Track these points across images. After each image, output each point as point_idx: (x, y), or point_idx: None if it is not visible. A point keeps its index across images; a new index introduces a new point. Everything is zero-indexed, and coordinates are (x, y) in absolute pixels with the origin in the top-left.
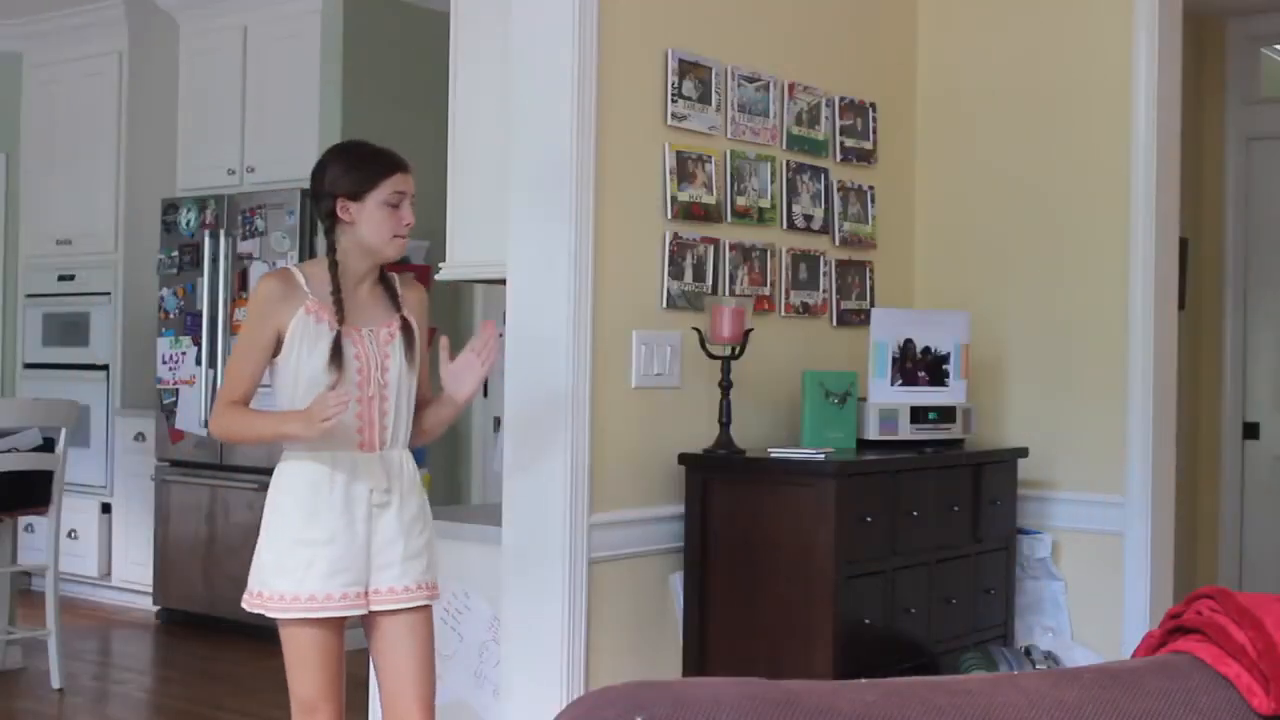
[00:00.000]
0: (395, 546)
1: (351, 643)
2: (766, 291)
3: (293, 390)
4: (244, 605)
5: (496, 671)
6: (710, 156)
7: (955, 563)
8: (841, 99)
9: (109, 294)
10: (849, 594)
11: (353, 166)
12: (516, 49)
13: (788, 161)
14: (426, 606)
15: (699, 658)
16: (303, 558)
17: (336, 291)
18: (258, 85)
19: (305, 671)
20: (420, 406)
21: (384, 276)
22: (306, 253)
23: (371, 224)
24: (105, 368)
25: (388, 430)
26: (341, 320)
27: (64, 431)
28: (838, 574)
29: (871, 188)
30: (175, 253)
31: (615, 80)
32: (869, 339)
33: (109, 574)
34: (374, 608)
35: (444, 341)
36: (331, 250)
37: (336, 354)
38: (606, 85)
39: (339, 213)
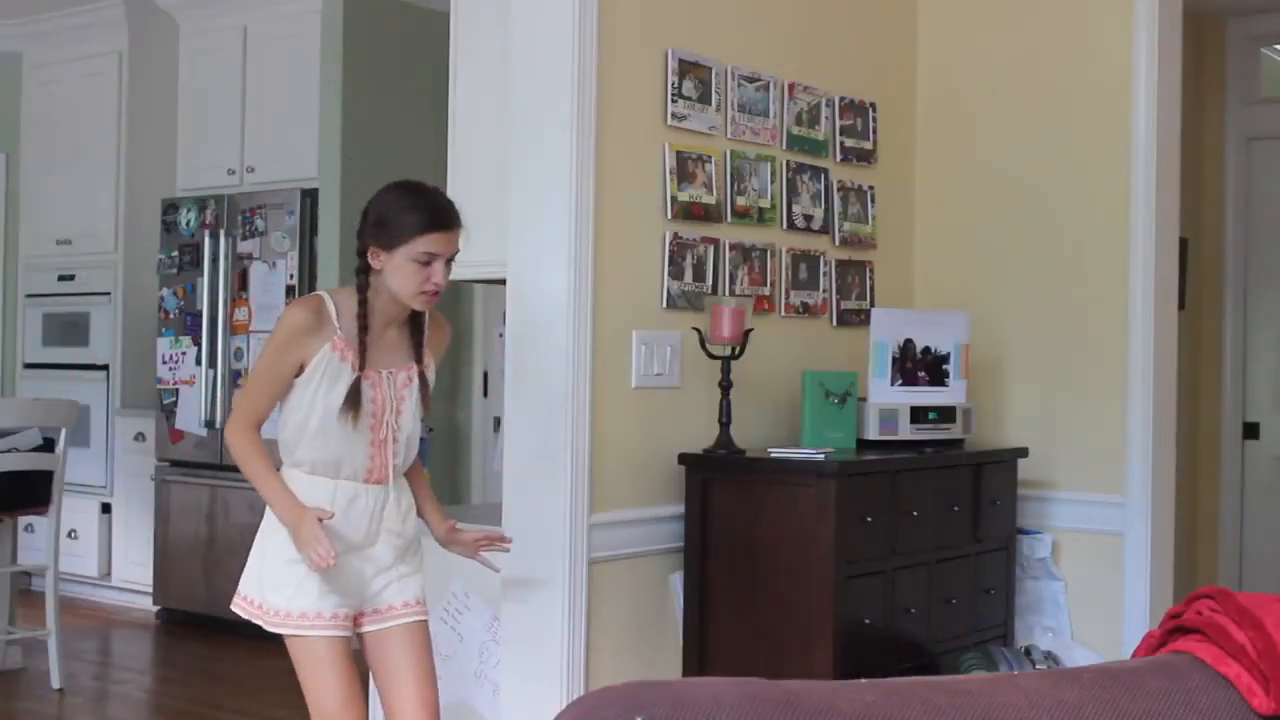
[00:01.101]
0: (392, 570)
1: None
2: (766, 291)
3: (305, 418)
4: (234, 608)
5: (496, 671)
6: (710, 156)
7: (955, 563)
8: (841, 99)
9: (109, 294)
10: (849, 594)
11: (392, 216)
12: (516, 49)
13: (788, 161)
14: (423, 621)
15: (699, 658)
16: (295, 575)
17: (363, 332)
18: (258, 85)
19: (325, 683)
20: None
21: (415, 318)
22: (306, 252)
23: (397, 277)
24: (105, 368)
25: (396, 467)
26: (363, 365)
27: (64, 431)
28: (838, 574)
29: (871, 188)
30: (175, 253)
31: (615, 80)
32: (869, 339)
33: (109, 574)
34: (369, 628)
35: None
36: (362, 290)
37: (354, 398)
38: (606, 85)
39: (370, 258)
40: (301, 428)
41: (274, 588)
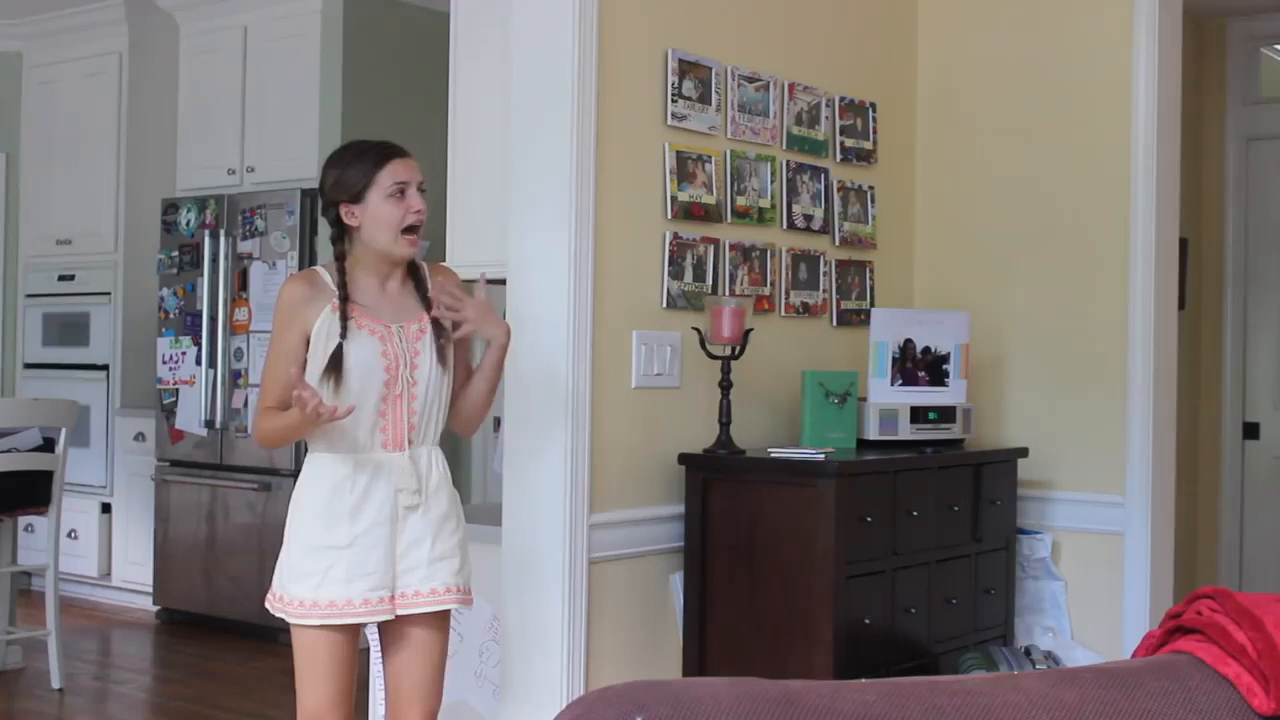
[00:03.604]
0: (421, 548)
1: None
2: (766, 291)
3: (320, 387)
4: (266, 605)
5: (496, 671)
6: (710, 156)
7: (955, 563)
8: (841, 99)
9: (109, 294)
10: (849, 594)
11: (347, 167)
12: (516, 49)
13: (788, 161)
14: (447, 613)
15: (699, 658)
16: (322, 563)
17: (343, 300)
18: (258, 85)
19: (314, 681)
20: (458, 393)
21: (415, 271)
22: (306, 252)
23: (378, 221)
24: (105, 368)
25: (415, 429)
26: (344, 331)
27: (64, 431)
28: (838, 574)
29: (871, 188)
30: (175, 253)
31: (615, 80)
32: (869, 339)
33: (109, 574)
34: (401, 612)
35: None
36: (340, 258)
37: (334, 364)
38: (606, 85)
39: (345, 219)
40: (325, 399)
41: (298, 577)
